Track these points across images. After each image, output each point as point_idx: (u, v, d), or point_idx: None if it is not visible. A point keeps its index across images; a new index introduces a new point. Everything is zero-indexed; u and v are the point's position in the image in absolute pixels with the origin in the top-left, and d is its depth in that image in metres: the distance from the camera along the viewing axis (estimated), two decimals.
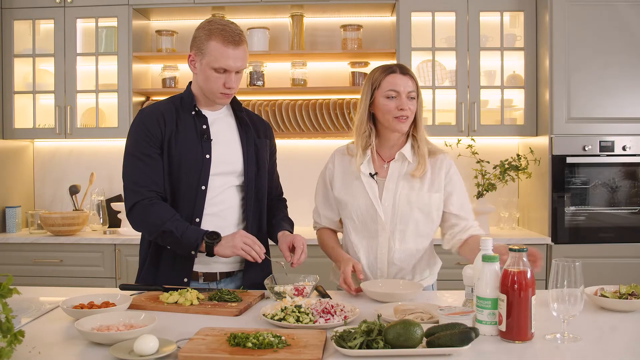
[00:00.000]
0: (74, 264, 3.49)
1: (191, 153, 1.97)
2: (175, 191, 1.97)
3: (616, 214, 3.39)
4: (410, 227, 2.03)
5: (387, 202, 2.02)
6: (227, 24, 1.94)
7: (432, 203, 2.04)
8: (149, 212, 1.91)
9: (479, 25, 3.57)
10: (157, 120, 1.96)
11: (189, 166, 1.96)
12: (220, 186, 2.01)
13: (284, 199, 2.29)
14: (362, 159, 2.05)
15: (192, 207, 1.97)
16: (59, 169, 4.07)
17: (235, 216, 2.05)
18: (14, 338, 1.24)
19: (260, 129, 2.15)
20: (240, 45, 1.91)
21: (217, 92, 1.95)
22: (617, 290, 1.77)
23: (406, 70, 2.02)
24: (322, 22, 3.96)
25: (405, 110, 1.96)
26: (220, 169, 2.00)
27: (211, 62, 1.90)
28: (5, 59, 3.74)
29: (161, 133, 1.96)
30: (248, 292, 1.91)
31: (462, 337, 1.32)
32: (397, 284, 1.97)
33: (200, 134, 1.99)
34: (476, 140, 3.63)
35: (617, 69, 3.35)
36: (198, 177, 1.96)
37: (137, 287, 1.96)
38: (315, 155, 3.95)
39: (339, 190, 2.10)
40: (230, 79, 1.93)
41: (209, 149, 1.99)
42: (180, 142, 1.97)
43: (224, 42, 1.89)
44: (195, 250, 1.88)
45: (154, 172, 1.94)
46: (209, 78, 1.93)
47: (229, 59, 1.90)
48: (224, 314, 1.69)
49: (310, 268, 2.98)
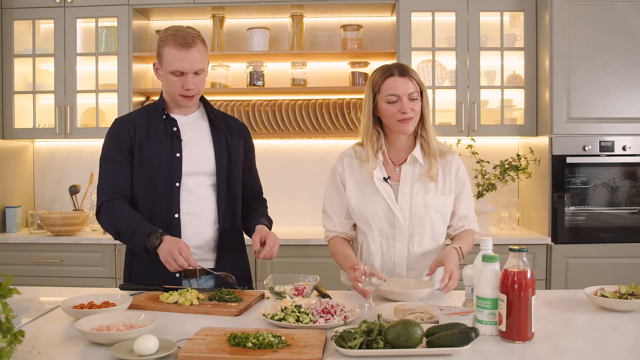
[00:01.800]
0: (74, 264, 3.49)
1: (162, 153, 2.05)
2: (152, 191, 2.05)
3: (616, 214, 3.39)
4: (428, 230, 2.02)
5: (404, 206, 2.01)
6: (179, 28, 2.02)
7: (447, 205, 2.05)
8: (108, 213, 2.01)
9: (479, 25, 3.57)
10: (127, 128, 2.07)
11: (161, 165, 2.04)
12: (195, 186, 2.07)
13: (264, 199, 2.31)
14: (375, 163, 2.02)
15: (170, 204, 2.03)
16: (58, 169, 4.07)
17: (211, 215, 2.10)
18: (14, 338, 1.24)
19: (234, 128, 2.20)
20: (192, 47, 1.98)
21: (177, 94, 2.03)
22: (617, 290, 1.77)
23: (405, 70, 1.98)
24: (322, 22, 3.96)
25: (408, 112, 1.94)
26: (193, 169, 2.07)
27: (168, 66, 2.00)
28: (5, 59, 3.74)
29: (131, 140, 2.06)
30: (248, 292, 1.91)
31: (462, 337, 1.32)
32: (409, 283, 1.97)
33: (170, 135, 2.07)
34: (476, 140, 3.62)
35: (617, 68, 3.35)
36: (171, 175, 2.04)
37: (137, 287, 1.97)
38: (315, 155, 3.95)
39: (353, 195, 2.06)
40: (188, 80, 1.99)
41: (179, 148, 2.06)
42: (151, 144, 2.06)
43: (176, 46, 1.97)
44: (145, 249, 1.91)
45: (120, 176, 2.05)
46: (169, 82, 2.02)
47: (182, 62, 1.97)
48: (224, 314, 1.69)
49: (311, 268, 2.99)
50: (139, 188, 2.06)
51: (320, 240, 3.12)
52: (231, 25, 3.95)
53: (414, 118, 1.96)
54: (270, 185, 3.97)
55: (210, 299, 1.80)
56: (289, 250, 3.39)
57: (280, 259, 3.43)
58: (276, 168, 3.96)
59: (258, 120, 3.74)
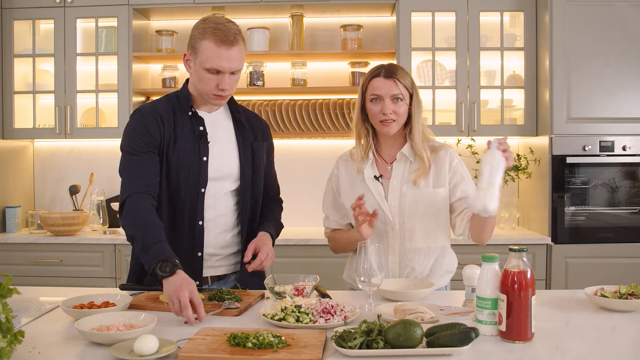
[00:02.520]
0: (74, 264, 3.49)
1: (189, 156, 1.93)
2: (176, 195, 1.94)
3: (616, 214, 3.39)
4: (418, 225, 2.02)
5: (393, 202, 2.01)
6: (221, 22, 1.87)
7: (438, 199, 2.02)
8: (130, 210, 1.83)
9: (479, 25, 3.57)
10: (157, 121, 1.93)
11: (188, 170, 1.93)
12: (218, 191, 1.98)
13: (279, 199, 2.25)
14: (365, 162, 2.04)
15: (194, 211, 1.94)
16: (59, 169, 4.07)
17: (230, 221, 2.03)
18: (14, 338, 1.24)
19: (258, 130, 2.10)
20: (234, 46, 1.84)
21: (210, 93, 1.90)
22: (617, 290, 1.77)
23: (392, 72, 1.97)
24: (322, 22, 3.96)
25: (388, 114, 1.95)
26: (217, 173, 1.97)
27: (203, 62, 1.85)
28: (5, 59, 3.74)
29: (160, 135, 1.92)
30: (248, 292, 1.90)
31: (462, 337, 1.32)
32: (409, 283, 1.97)
33: (198, 136, 1.96)
34: (476, 140, 3.62)
35: (617, 69, 3.35)
36: (197, 181, 1.93)
37: (137, 287, 1.96)
38: (315, 155, 3.95)
39: (346, 196, 2.09)
40: (224, 80, 1.86)
41: (206, 151, 1.95)
42: (179, 145, 1.93)
43: (217, 42, 1.83)
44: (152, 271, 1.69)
45: (152, 171, 1.90)
46: (202, 79, 1.88)
47: (221, 60, 1.83)
48: (224, 314, 1.69)
49: (311, 268, 2.99)
50: (161, 190, 1.93)
51: (321, 240, 3.13)
52: None
53: (396, 120, 1.97)
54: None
55: (210, 299, 1.79)
56: (289, 250, 3.40)
57: (280, 258, 3.42)
58: (276, 168, 3.93)
59: None
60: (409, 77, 2.00)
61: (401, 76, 1.98)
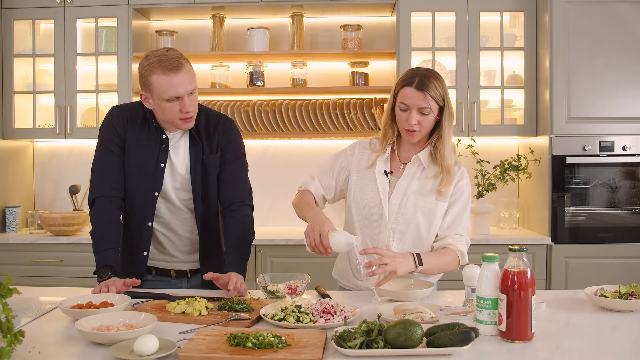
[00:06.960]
0: (74, 264, 3.49)
1: (148, 160, 2.06)
2: (131, 194, 2.09)
3: (616, 214, 3.39)
4: (411, 229, 2.02)
5: (395, 201, 2.02)
6: (162, 53, 1.96)
7: (437, 210, 2.02)
8: (96, 213, 2.04)
9: (479, 25, 3.57)
10: (124, 122, 2.08)
11: (145, 173, 2.05)
12: (170, 196, 2.09)
13: (246, 206, 2.15)
14: (381, 155, 2.06)
15: (146, 212, 2.08)
16: (59, 169, 4.07)
17: (186, 226, 2.14)
18: (14, 338, 1.24)
19: (214, 140, 2.11)
20: (181, 69, 1.92)
21: (177, 119, 1.98)
22: (617, 290, 1.77)
23: (424, 85, 1.94)
24: (322, 22, 3.96)
25: (413, 125, 1.96)
26: (171, 180, 2.09)
27: (161, 94, 1.93)
28: (5, 59, 3.74)
29: (125, 134, 2.07)
30: (259, 301, 1.82)
31: (462, 337, 1.32)
32: (409, 283, 1.97)
33: (159, 143, 2.07)
34: (476, 140, 3.62)
35: (617, 69, 3.35)
36: (152, 184, 2.06)
37: (144, 295, 1.90)
38: (315, 155, 3.95)
39: (353, 179, 2.10)
40: (184, 103, 1.94)
41: (164, 158, 2.07)
42: (140, 148, 2.06)
43: (165, 71, 1.91)
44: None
45: (116, 170, 2.06)
46: (165, 110, 1.96)
47: (175, 87, 1.91)
48: (235, 326, 1.58)
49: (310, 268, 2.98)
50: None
51: None
52: (231, 25, 3.95)
53: (419, 131, 1.98)
54: (270, 185, 4.01)
55: (220, 309, 1.70)
56: (287, 250, 3.40)
57: (279, 259, 3.44)
58: (276, 168, 3.96)
59: (258, 120, 3.74)
60: (441, 88, 1.97)
61: (432, 89, 1.94)
